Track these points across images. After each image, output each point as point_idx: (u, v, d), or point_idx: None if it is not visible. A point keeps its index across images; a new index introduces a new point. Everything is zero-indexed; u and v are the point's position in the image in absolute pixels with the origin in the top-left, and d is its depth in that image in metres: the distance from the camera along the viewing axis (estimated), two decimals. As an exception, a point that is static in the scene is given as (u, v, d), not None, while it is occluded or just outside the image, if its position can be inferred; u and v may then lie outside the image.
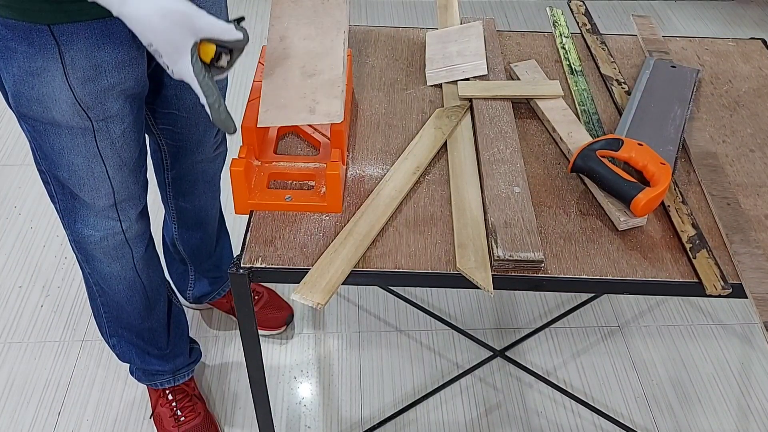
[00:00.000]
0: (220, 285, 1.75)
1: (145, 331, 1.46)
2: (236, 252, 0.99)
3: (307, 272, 0.94)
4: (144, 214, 1.32)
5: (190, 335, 1.63)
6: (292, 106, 0.97)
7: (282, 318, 1.80)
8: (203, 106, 0.92)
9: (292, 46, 1.04)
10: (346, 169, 1.10)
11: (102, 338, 1.53)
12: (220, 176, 1.54)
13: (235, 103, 2.47)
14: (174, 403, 1.59)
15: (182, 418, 1.58)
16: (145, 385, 1.65)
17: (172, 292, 1.56)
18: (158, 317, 1.47)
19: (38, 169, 1.21)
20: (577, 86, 1.28)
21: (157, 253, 1.43)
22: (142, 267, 1.36)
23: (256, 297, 1.79)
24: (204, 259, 1.66)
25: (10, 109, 1.12)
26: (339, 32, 1.05)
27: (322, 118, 0.96)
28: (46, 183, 1.23)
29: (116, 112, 1.11)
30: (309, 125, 1.15)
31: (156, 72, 1.22)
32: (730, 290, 0.96)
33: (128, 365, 1.61)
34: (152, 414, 1.62)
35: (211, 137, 1.42)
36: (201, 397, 1.64)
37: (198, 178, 1.48)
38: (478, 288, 0.94)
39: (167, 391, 1.59)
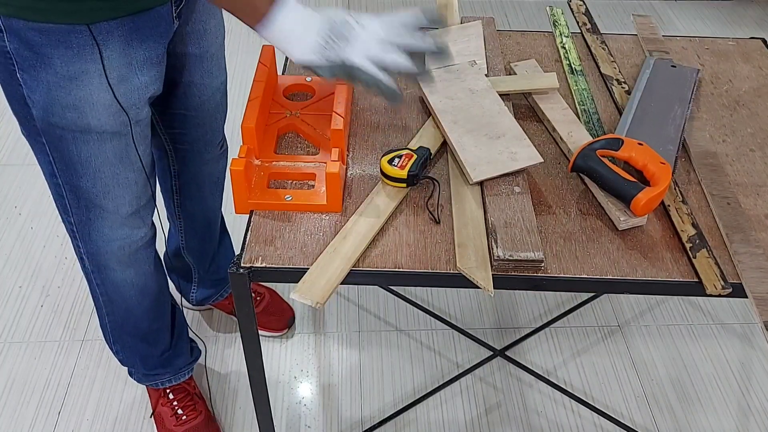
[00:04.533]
0: (222, 287, 1.75)
1: (150, 334, 1.47)
2: (236, 252, 0.99)
3: (306, 272, 0.94)
4: (150, 220, 1.32)
5: (190, 334, 1.63)
6: (496, 160, 1.07)
7: (284, 320, 1.80)
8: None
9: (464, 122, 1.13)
10: (346, 169, 1.10)
11: (104, 340, 1.53)
12: (225, 177, 1.54)
13: (236, 103, 2.46)
14: (175, 402, 1.58)
15: (184, 417, 1.58)
16: (145, 386, 1.65)
17: (172, 296, 1.56)
18: (164, 319, 1.47)
19: (52, 183, 1.19)
20: (577, 86, 1.28)
21: (159, 256, 1.43)
22: (153, 271, 1.37)
23: (258, 298, 1.79)
24: (207, 262, 1.66)
25: (13, 115, 1.11)
26: (501, 105, 1.16)
27: (526, 161, 1.07)
28: (60, 196, 1.21)
29: (144, 116, 1.13)
30: (309, 124, 1.15)
31: (166, 72, 1.22)
32: (730, 290, 0.96)
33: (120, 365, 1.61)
34: (153, 413, 1.62)
35: (218, 134, 1.42)
36: (201, 396, 1.64)
37: (205, 180, 1.48)
38: (478, 288, 0.94)
39: (168, 390, 1.59)
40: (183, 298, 1.78)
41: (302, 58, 0.92)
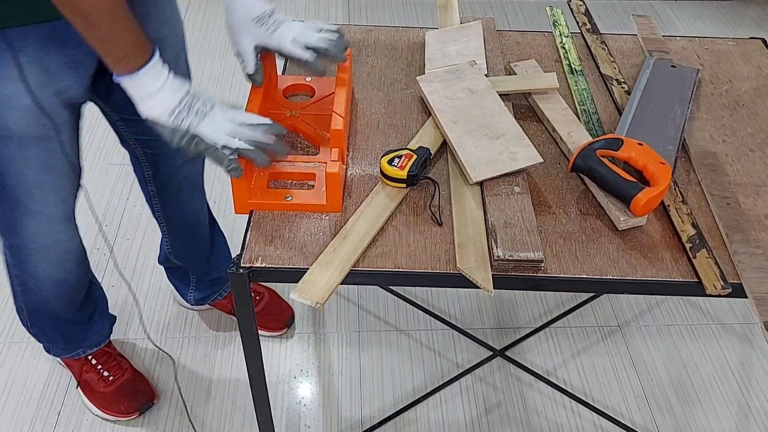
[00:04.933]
0: (221, 286, 1.75)
1: (68, 317, 1.47)
2: (236, 252, 0.99)
3: (306, 272, 0.94)
4: (74, 219, 1.32)
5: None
6: (496, 160, 1.07)
7: (283, 320, 1.80)
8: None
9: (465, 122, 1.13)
10: (346, 169, 1.10)
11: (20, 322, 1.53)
12: (203, 178, 1.53)
13: (236, 103, 2.47)
14: (99, 366, 1.60)
15: (110, 378, 1.60)
16: (62, 360, 1.65)
17: (92, 274, 1.55)
18: (79, 301, 1.47)
19: None
20: (577, 86, 1.28)
21: (84, 248, 1.42)
22: (75, 267, 1.37)
23: (257, 298, 1.79)
24: (201, 264, 1.66)
25: None
26: (501, 105, 1.15)
27: (526, 162, 1.07)
28: None
29: (66, 119, 1.12)
30: (309, 124, 1.15)
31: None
32: (730, 290, 0.96)
33: (42, 345, 1.62)
34: (78, 384, 1.63)
35: None
36: (123, 356, 1.66)
37: (182, 184, 1.47)
38: (478, 288, 0.94)
39: (90, 357, 1.60)
40: (182, 298, 1.79)
41: (150, 113, 0.96)
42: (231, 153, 0.97)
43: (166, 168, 1.42)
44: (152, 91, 0.94)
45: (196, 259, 1.64)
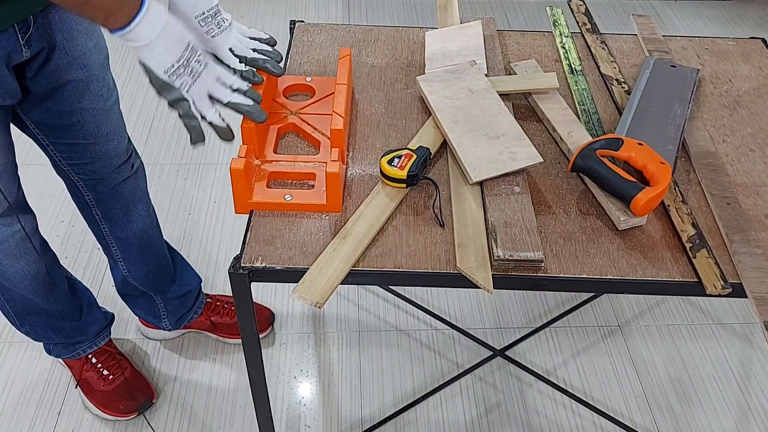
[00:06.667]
0: (193, 302, 1.69)
1: (55, 311, 1.47)
2: (236, 252, 0.99)
3: (306, 272, 0.94)
4: (28, 209, 1.32)
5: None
6: (496, 160, 1.07)
7: (265, 321, 1.78)
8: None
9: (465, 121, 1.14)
10: (346, 169, 1.10)
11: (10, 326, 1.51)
12: (147, 194, 1.49)
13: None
14: (99, 365, 1.60)
15: (110, 377, 1.60)
16: (63, 360, 1.65)
17: (65, 269, 1.54)
18: (63, 295, 1.47)
19: None
20: (577, 86, 1.28)
21: (43, 237, 1.41)
22: (40, 255, 1.35)
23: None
24: (167, 285, 1.61)
25: None
26: (501, 105, 1.15)
27: (526, 161, 1.07)
28: None
29: None
30: (309, 124, 1.15)
31: (53, 102, 1.20)
32: (730, 290, 0.96)
33: (42, 345, 1.62)
34: (77, 383, 1.63)
35: (122, 155, 1.37)
36: (125, 356, 1.66)
37: (128, 202, 1.43)
38: (478, 288, 0.94)
39: (90, 356, 1.60)
40: (155, 330, 1.75)
41: (148, 62, 0.94)
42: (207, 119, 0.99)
43: (106, 189, 1.38)
44: (150, 40, 0.91)
45: (158, 278, 1.58)
